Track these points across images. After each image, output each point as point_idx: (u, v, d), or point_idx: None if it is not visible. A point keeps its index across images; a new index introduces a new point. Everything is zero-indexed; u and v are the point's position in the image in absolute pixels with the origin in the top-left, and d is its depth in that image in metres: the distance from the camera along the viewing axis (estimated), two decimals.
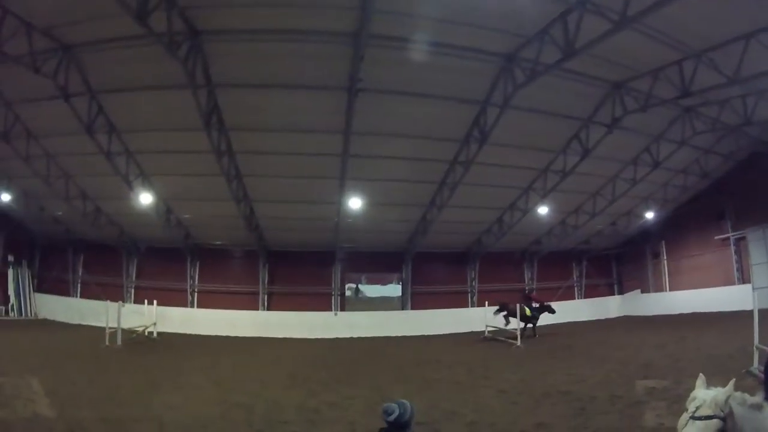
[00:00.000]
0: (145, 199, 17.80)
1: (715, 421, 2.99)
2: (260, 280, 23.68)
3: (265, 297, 23.71)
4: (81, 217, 20.43)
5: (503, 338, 19.56)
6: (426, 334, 22.88)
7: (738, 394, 3.20)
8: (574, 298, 29.43)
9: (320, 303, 24.10)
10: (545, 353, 16.06)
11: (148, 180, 17.63)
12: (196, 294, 23.72)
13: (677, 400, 3.22)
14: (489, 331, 21.35)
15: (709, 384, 3.21)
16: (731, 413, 3.05)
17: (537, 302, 21.95)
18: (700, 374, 3.44)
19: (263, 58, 12.11)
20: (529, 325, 20.51)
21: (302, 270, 23.99)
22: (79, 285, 24.74)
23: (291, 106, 13.84)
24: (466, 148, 16.31)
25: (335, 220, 20.08)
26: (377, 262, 25.22)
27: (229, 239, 22.64)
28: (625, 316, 28.61)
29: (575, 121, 16.25)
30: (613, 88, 14.65)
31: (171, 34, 10.13)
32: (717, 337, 14.94)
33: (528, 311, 20.62)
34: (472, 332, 22.88)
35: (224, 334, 21.13)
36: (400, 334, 22.68)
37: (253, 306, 23.47)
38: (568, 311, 27.23)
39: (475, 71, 13.00)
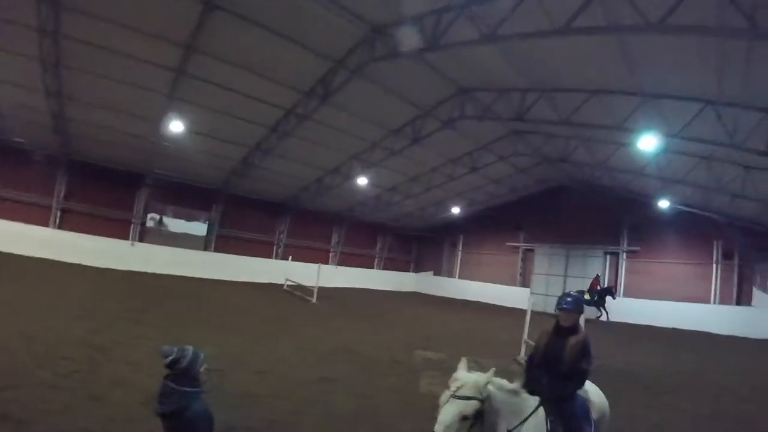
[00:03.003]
0: None
1: (474, 401, 3.44)
2: (56, 192, 20.19)
3: (59, 213, 20.27)
4: None
5: (300, 294, 20.19)
6: (226, 279, 22.38)
7: (497, 380, 3.73)
8: (372, 267, 31.76)
9: (118, 229, 21.43)
10: (339, 313, 17.06)
11: None
12: None
13: (449, 372, 3.70)
14: (288, 285, 21.89)
15: (477, 364, 3.73)
16: (490, 396, 3.55)
17: (593, 290, 23.51)
18: (463, 358, 3.85)
19: None
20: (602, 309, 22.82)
21: (105, 189, 21.02)
22: None
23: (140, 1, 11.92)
24: (306, 101, 16.02)
25: (152, 140, 18.19)
26: (187, 195, 23.53)
27: (28, 137, 18.71)
28: (416, 292, 32.03)
29: (416, 109, 17.13)
30: (459, 92, 15.83)
31: None
32: (495, 325, 17.39)
33: (587, 295, 22.47)
34: (271, 284, 23.24)
35: (7, 250, 17.69)
36: (199, 276, 21.69)
37: (44, 221, 19.88)
38: (365, 278, 29.38)
39: (340, 29, 12.59)
